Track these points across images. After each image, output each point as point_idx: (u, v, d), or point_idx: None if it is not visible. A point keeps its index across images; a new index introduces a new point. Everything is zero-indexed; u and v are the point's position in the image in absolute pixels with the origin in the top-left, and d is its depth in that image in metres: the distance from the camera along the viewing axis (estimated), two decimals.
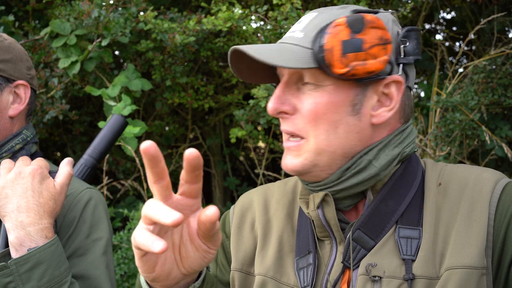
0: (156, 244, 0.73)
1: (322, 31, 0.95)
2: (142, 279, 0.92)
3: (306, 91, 0.99)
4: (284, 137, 1.04)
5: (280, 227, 1.11)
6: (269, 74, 1.07)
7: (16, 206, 1.15)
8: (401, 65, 0.99)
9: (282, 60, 0.94)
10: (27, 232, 1.14)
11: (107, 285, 1.27)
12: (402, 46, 0.99)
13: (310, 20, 1.00)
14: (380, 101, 1.00)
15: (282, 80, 1.02)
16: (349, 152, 1.00)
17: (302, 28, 0.99)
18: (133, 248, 0.80)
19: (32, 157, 1.33)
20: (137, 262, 0.82)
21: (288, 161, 1.02)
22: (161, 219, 0.73)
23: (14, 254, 1.14)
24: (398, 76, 0.98)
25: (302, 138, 1.00)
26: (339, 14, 0.99)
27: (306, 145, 0.99)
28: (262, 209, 1.16)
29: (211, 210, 0.79)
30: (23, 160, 1.21)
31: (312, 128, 0.98)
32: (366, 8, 1.00)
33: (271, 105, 0.99)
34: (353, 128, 0.98)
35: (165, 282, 0.85)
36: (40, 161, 1.22)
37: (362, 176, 0.99)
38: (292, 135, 1.01)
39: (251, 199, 1.19)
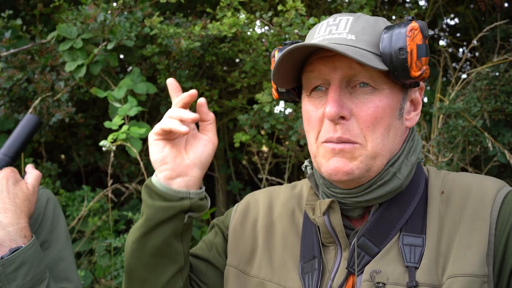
0: (183, 127, 0.99)
1: (391, 36, 0.96)
2: (154, 178, 1.06)
3: (361, 94, 0.98)
4: (327, 142, 0.99)
5: (284, 231, 1.13)
6: (290, 79, 1.05)
7: None
8: None
9: (370, 61, 0.93)
10: (7, 232, 1.20)
11: (74, 274, 1.36)
12: None
13: (351, 23, 1.00)
14: (411, 105, 1.05)
15: (334, 84, 0.98)
16: (392, 155, 1.02)
17: (349, 30, 0.99)
18: (151, 135, 1.04)
19: None
20: (151, 146, 1.05)
21: (342, 164, 0.98)
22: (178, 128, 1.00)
23: None
24: (423, 82, 1.04)
25: (355, 143, 0.98)
26: (376, 20, 1.01)
27: (361, 149, 0.98)
28: (266, 210, 1.17)
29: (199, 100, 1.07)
30: None
31: (369, 133, 0.97)
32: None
33: (333, 110, 0.95)
34: (398, 131, 1.02)
35: (173, 165, 1.04)
36: (10, 168, 1.31)
37: (386, 189, 1.00)
38: (347, 141, 0.98)
39: (256, 199, 1.21)
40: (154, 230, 1.04)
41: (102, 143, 2.42)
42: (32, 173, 1.32)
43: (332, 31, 1.00)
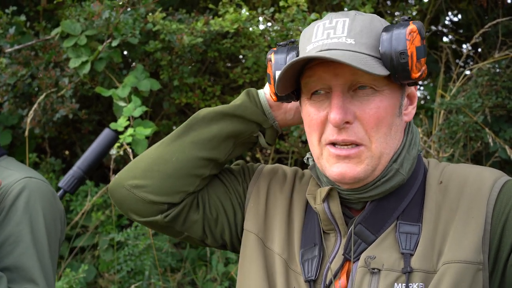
0: None
1: (390, 38, 0.97)
2: (261, 92, 1.17)
3: (362, 97, 1.00)
4: (330, 146, 1.02)
5: (300, 217, 1.15)
6: (289, 85, 1.06)
7: None
8: None
9: (372, 68, 0.94)
10: None
11: (39, 276, 1.27)
12: None
13: (349, 26, 1.00)
14: (408, 100, 1.08)
15: (336, 90, 1.00)
16: (395, 152, 1.04)
17: (347, 34, 0.99)
18: None
19: None
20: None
21: (349, 170, 1.00)
22: None
23: None
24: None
25: (361, 145, 1.00)
26: (371, 19, 1.01)
27: (367, 151, 1.01)
28: (289, 189, 1.18)
29: None
30: None
31: (374, 134, 1.00)
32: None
33: (338, 116, 0.97)
34: (399, 128, 1.05)
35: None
36: None
37: (390, 185, 1.03)
38: (352, 144, 1.00)
39: (285, 172, 1.22)
40: (232, 118, 1.13)
41: (111, 151, 2.43)
42: None
43: (330, 34, 1.00)
